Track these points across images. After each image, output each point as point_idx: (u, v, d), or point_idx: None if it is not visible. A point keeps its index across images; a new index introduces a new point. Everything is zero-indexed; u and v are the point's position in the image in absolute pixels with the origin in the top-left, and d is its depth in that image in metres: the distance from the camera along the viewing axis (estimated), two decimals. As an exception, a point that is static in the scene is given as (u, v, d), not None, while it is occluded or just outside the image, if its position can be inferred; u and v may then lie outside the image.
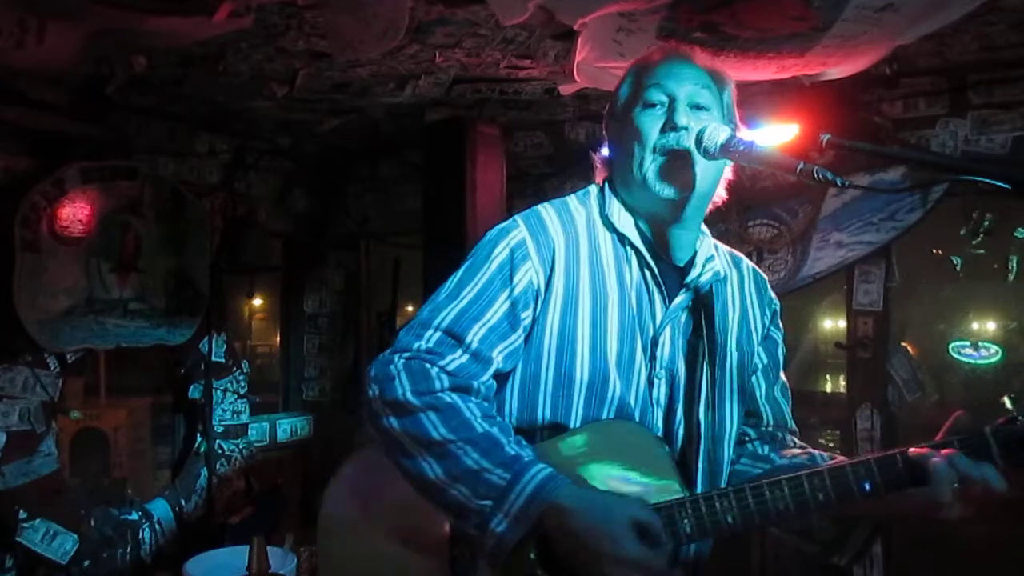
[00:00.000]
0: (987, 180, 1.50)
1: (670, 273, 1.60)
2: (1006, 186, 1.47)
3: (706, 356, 1.60)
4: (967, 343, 4.96)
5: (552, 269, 1.53)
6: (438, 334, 1.48)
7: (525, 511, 1.32)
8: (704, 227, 1.68)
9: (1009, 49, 2.94)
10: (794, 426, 1.80)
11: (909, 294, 3.84)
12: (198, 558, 3.08)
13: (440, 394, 1.42)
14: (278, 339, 5.41)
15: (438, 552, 1.50)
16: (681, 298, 1.58)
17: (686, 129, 1.52)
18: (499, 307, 1.50)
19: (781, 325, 1.81)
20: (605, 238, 1.59)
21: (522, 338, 1.53)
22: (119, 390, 4.57)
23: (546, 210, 1.60)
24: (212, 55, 3.03)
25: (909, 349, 3.75)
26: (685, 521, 1.39)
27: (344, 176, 4.85)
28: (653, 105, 1.56)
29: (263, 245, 4.90)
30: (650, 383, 1.55)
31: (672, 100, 1.55)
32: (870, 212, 3.41)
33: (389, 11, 2.47)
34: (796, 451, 1.71)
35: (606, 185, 1.66)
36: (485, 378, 1.49)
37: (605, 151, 1.71)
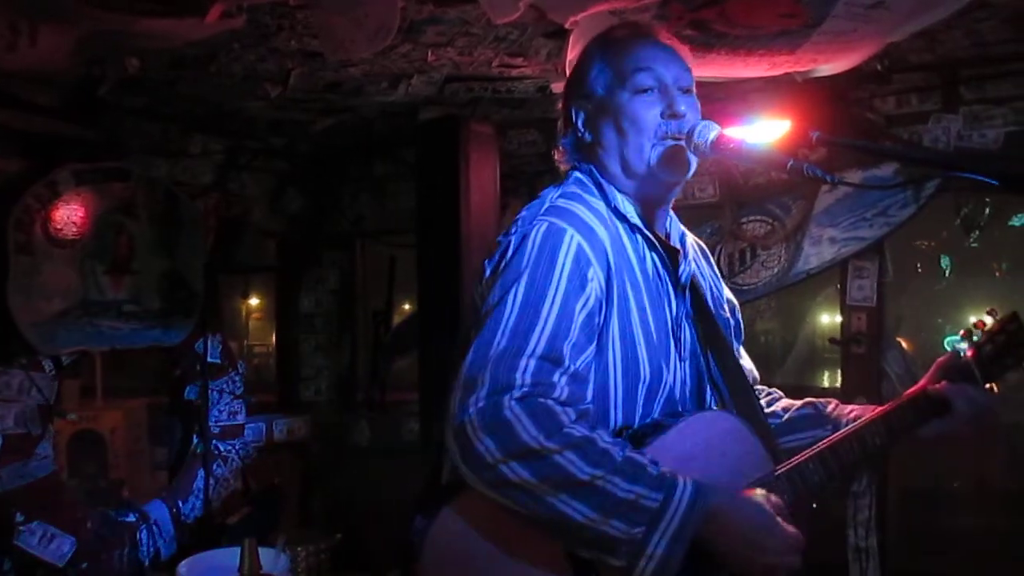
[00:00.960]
0: (977, 176, 1.51)
1: (669, 253, 1.63)
2: (995, 182, 1.48)
3: (712, 329, 1.65)
4: (960, 338, 4.97)
5: (609, 271, 1.48)
6: (535, 362, 1.33)
7: (684, 526, 1.29)
8: None
9: (1000, 45, 2.94)
10: (757, 375, 1.90)
11: (903, 289, 3.85)
12: (191, 559, 3.08)
13: (570, 430, 1.30)
14: (274, 339, 5.42)
15: None
16: (684, 277, 1.62)
17: (685, 116, 1.55)
18: (577, 320, 1.40)
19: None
20: (621, 229, 1.57)
21: (595, 346, 1.45)
22: (115, 392, 4.59)
23: (576, 207, 1.52)
24: (204, 56, 3.03)
25: (903, 344, 3.76)
26: (784, 493, 1.48)
27: (338, 175, 4.85)
28: (645, 90, 1.55)
29: (258, 245, 4.91)
30: (681, 365, 1.59)
31: (662, 84, 1.56)
32: (863, 208, 3.42)
33: (380, 11, 2.47)
34: (795, 402, 1.86)
35: (595, 173, 1.62)
36: (589, 398, 1.44)
37: (586, 138, 1.64)
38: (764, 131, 3.26)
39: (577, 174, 1.64)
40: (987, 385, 1.69)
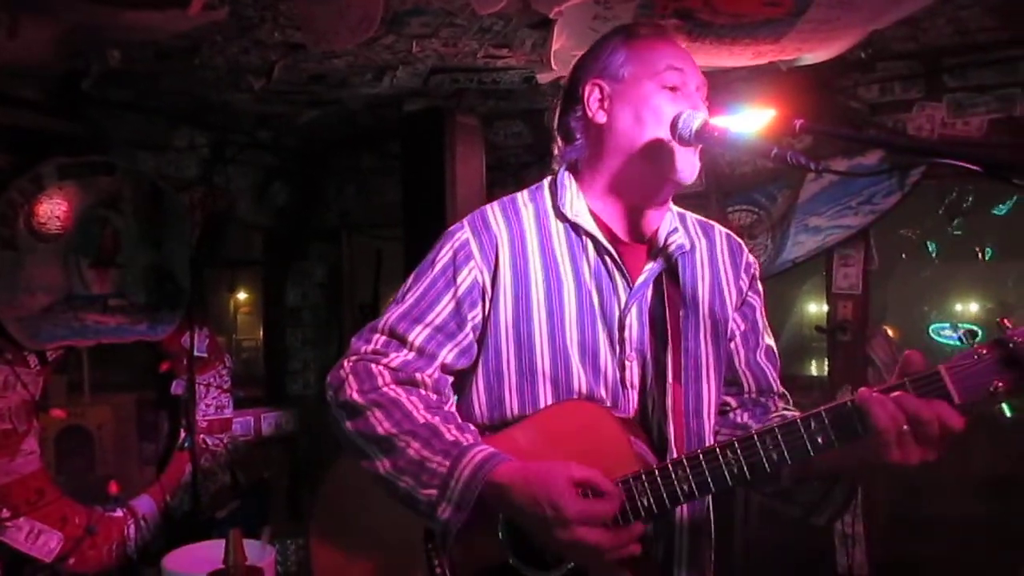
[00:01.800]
0: (959, 163, 1.51)
1: (631, 252, 1.60)
2: (978, 169, 1.48)
3: (672, 328, 1.59)
4: (946, 325, 5.00)
5: (496, 266, 1.56)
6: (383, 337, 1.55)
7: (464, 495, 1.36)
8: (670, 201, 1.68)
9: (983, 33, 2.96)
10: (782, 390, 1.72)
11: (888, 277, 3.88)
12: (176, 552, 3.08)
13: (383, 389, 1.48)
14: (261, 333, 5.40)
15: (415, 545, 1.55)
16: (644, 276, 1.58)
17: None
18: (444, 307, 1.55)
19: (760, 288, 1.76)
20: (558, 229, 1.60)
21: (472, 336, 1.57)
22: (103, 387, 4.55)
23: (491, 209, 1.64)
24: (187, 48, 3.01)
25: (889, 332, 3.78)
26: (642, 495, 1.37)
27: (324, 168, 4.84)
28: (674, 88, 1.55)
29: (244, 239, 4.90)
30: (621, 367, 1.55)
31: (687, 89, 1.56)
32: (848, 196, 3.43)
33: (363, 1, 2.46)
34: (775, 417, 1.63)
35: (562, 174, 1.66)
36: (431, 371, 1.55)
37: (598, 118, 1.60)
38: (749, 120, 3.27)
39: (544, 181, 1.71)
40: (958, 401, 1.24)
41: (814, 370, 5.50)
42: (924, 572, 3.87)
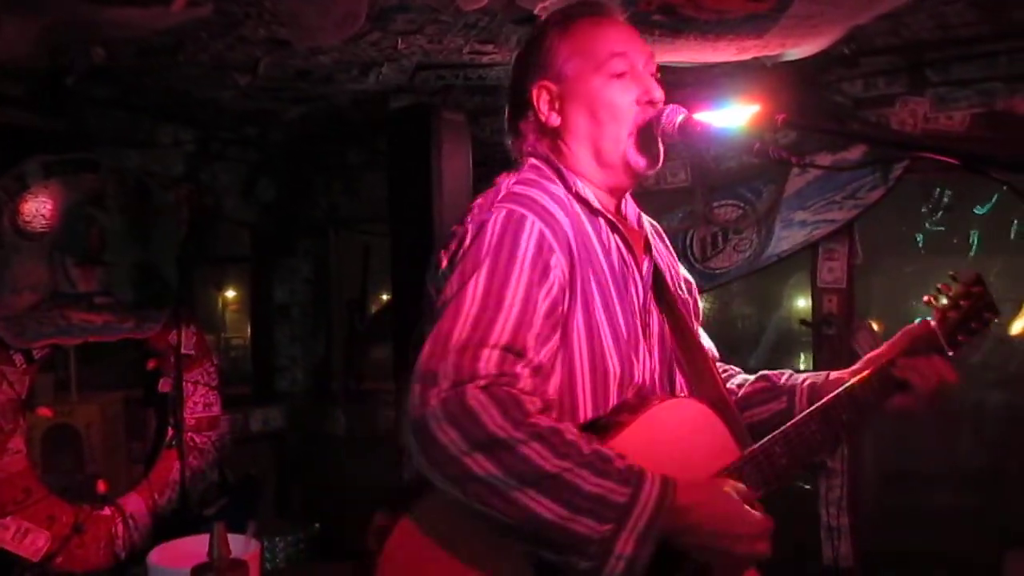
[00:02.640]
0: (939, 156, 1.53)
1: (633, 237, 1.61)
2: (957, 163, 1.50)
3: (675, 312, 1.63)
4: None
5: (572, 259, 1.42)
6: (498, 352, 1.27)
7: (652, 524, 1.22)
8: None
9: (965, 27, 2.97)
10: (716, 353, 1.87)
11: (873, 271, 3.90)
12: (161, 547, 3.08)
13: (536, 419, 1.24)
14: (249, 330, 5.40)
15: None
16: (646, 263, 1.60)
17: (660, 102, 1.55)
18: (540, 309, 1.35)
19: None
20: (583, 215, 1.52)
21: (558, 337, 1.40)
22: (90, 385, 4.54)
23: (534, 193, 1.46)
24: (171, 45, 3.00)
25: (874, 325, 3.80)
26: (757, 480, 1.47)
27: (311, 165, 4.83)
28: (621, 75, 1.54)
29: (231, 235, 4.89)
30: (651, 354, 1.55)
31: (635, 70, 1.55)
32: (833, 191, 3.44)
33: (348, -1, 2.46)
34: (748, 377, 1.84)
35: (552, 160, 1.58)
36: (552, 392, 1.40)
37: (552, 121, 1.57)
38: (734, 116, 3.28)
39: (533, 160, 1.59)
40: (950, 352, 1.69)
41: (800, 363, 5.54)
42: (909, 563, 3.91)
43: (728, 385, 1.79)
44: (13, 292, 3.44)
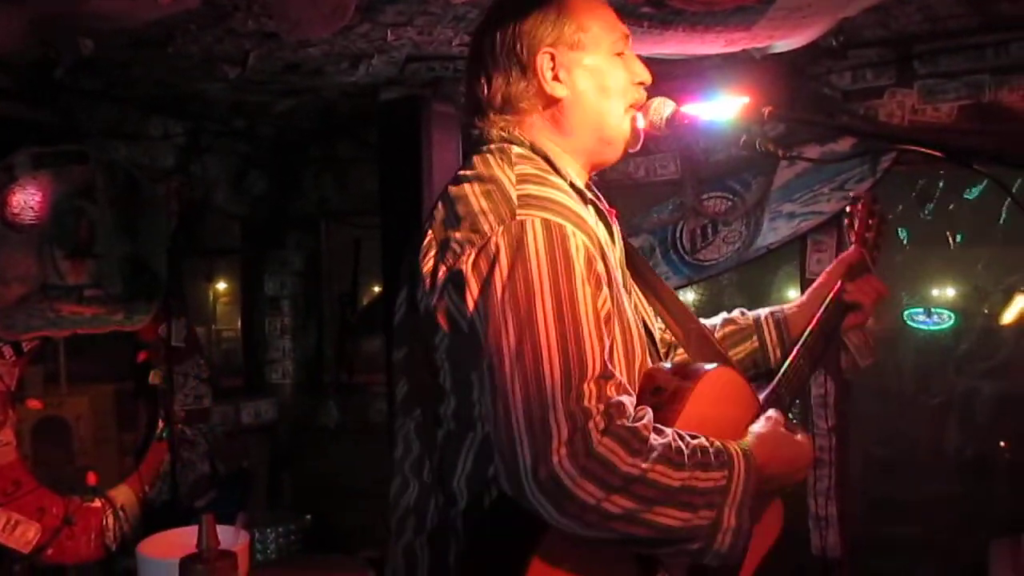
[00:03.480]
0: (922, 149, 1.55)
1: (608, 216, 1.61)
2: (940, 155, 1.52)
3: (646, 276, 1.70)
4: (920, 310, 5.05)
5: (604, 257, 1.40)
6: (595, 385, 1.23)
7: (746, 493, 1.32)
8: None
9: (952, 19, 2.98)
10: None
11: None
12: (150, 539, 3.08)
13: (652, 441, 1.25)
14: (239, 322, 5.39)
15: None
16: (618, 237, 1.61)
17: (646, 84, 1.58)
18: (602, 324, 1.31)
19: None
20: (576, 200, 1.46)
21: None
22: (80, 377, 4.54)
23: (552, 193, 1.40)
24: (160, 37, 2.99)
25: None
26: (785, 394, 1.69)
27: (301, 157, 4.83)
28: (620, 55, 1.55)
29: (221, 228, 4.88)
30: (641, 329, 1.56)
31: (628, 48, 1.57)
32: (821, 183, 3.46)
33: (337, -10, 2.46)
34: (715, 322, 1.95)
35: (538, 144, 1.50)
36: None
37: (558, 92, 1.50)
38: (722, 108, 3.29)
39: (515, 148, 1.48)
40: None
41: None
42: (897, 551, 3.94)
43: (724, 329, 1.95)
44: (2, 284, 3.43)
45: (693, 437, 1.32)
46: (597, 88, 1.52)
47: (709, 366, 1.53)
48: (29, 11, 2.65)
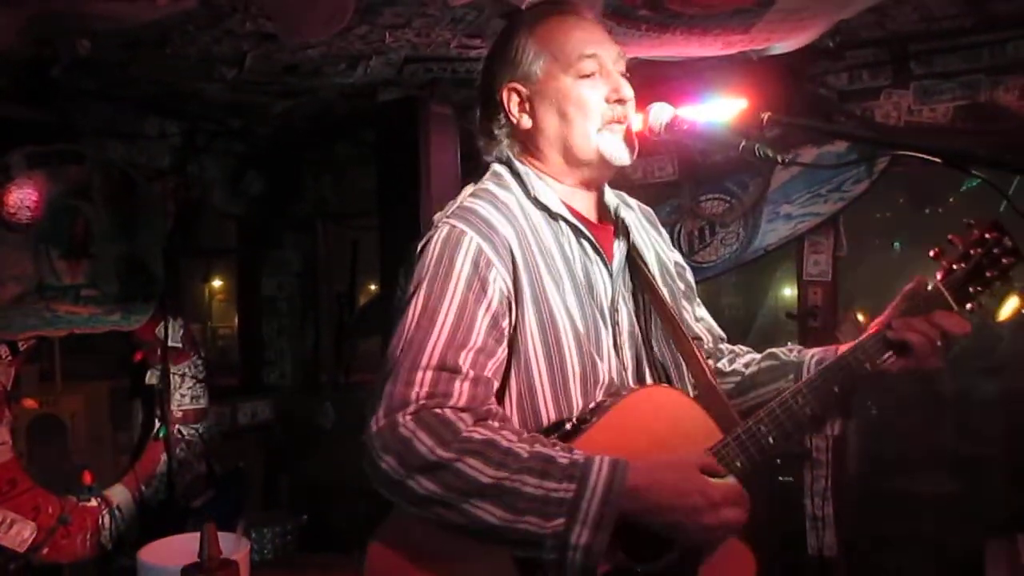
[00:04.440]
0: (920, 154, 1.55)
1: (602, 234, 1.61)
2: (938, 160, 1.52)
3: (654, 304, 1.64)
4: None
5: (514, 268, 1.46)
6: (430, 373, 1.35)
7: (603, 510, 1.28)
8: None
9: (948, 20, 3.00)
10: (722, 332, 1.88)
11: (858, 263, 3.93)
12: (151, 546, 3.07)
13: (467, 434, 1.31)
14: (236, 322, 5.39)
15: None
16: (618, 258, 1.60)
17: (631, 99, 1.56)
18: (481, 325, 1.41)
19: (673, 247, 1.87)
20: (537, 219, 1.54)
21: (505, 350, 1.45)
22: (76, 376, 4.54)
23: (480, 206, 1.50)
24: (157, 38, 2.98)
25: (859, 316, 3.84)
26: (736, 459, 1.44)
27: (299, 158, 4.82)
28: (590, 75, 1.54)
29: (218, 228, 4.87)
30: (618, 351, 1.56)
31: (604, 69, 1.56)
32: (818, 184, 3.48)
33: (336, -8, 2.46)
34: (755, 356, 1.80)
35: (515, 162, 1.60)
36: (492, 399, 1.42)
37: (524, 123, 1.59)
38: (720, 110, 3.30)
39: (495, 167, 1.62)
40: (965, 307, 1.52)
41: (786, 354, 5.56)
42: (893, 549, 3.95)
43: (733, 366, 1.80)
44: (-2, 284, 3.43)
45: (544, 445, 1.34)
46: (558, 114, 1.56)
47: (640, 387, 1.53)
48: (26, 10, 2.65)
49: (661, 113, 1.56)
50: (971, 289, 1.53)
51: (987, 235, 1.55)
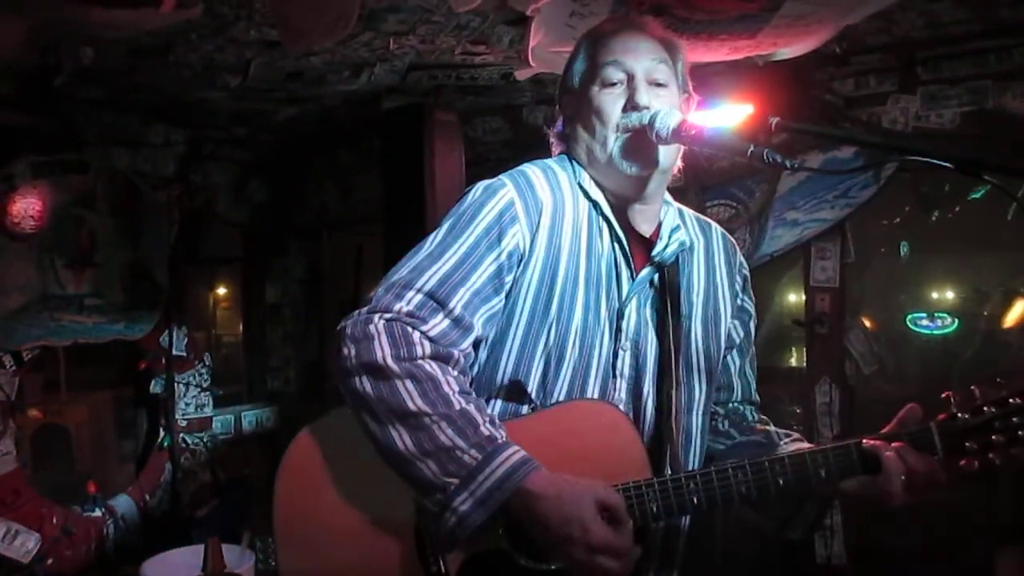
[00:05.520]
0: (932, 160, 1.52)
1: (638, 245, 1.60)
2: (950, 166, 1.50)
3: (672, 330, 1.60)
4: (923, 314, 5.03)
5: (537, 231, 1.51)
6: (420, 296, 1.42)
7: (491, 494, 1.30)
8: (668, 196, 1.69)
9: (955, 25, 2.98)
10: (757, 398, 1.82)
11: (865, 269, 3.90)
12: (154, 559, 3.05)
13: (420, 362, 1.37)
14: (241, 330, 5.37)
15: (402, 523, 1.46)
16: (646, 271, 1.58)
17: (647, 108, 1.54)
18: (485, 270, 1.47)
19: (752, 294, 1.80)
20: (583, 205, 1.58)
21: (503, 303, 1.50)
22: (80, 385, 4.52)
23: (533, 171, 1.58)
24: (161, 46, 2.98)
25: (866, 323, 3.81)
26: (652, 502, 1.40)
27: (303, 165, 4.81)
28: (613, 84, 1.56)
29: (223, 236, 4.86)
30: (614, 354, 1.55)
31: (631, 77, 1.56)
32: (824, 190, 3.45)
33: (340, 1, 2.45)
34: (757, 427, 1.74)
35: (568, 157, 1.66)
36: (465, 346, 1.46)
37: (567, 131, 1.67)
38: (727, 115, 3.28)
39: (564, 155, 1.68)
40: (942, 456, 1.39)
41: (792, 362, 5.54)
42: (901, 560, 3.92)
43: (730, 429, 1.76)
44: (2, 293, 3.42)
45: (478, 410, 1.38)
46: (583, 123, 1.61)
47: (589, 400, 1.52)
48: (29, 18, 2.64)
49: (669, 118, 1.54)
50: (967, 444, 1.39)
51: (1014, 399, 1.38)
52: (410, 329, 1.39)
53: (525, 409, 1.51)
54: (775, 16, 2.64)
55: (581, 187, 1.59)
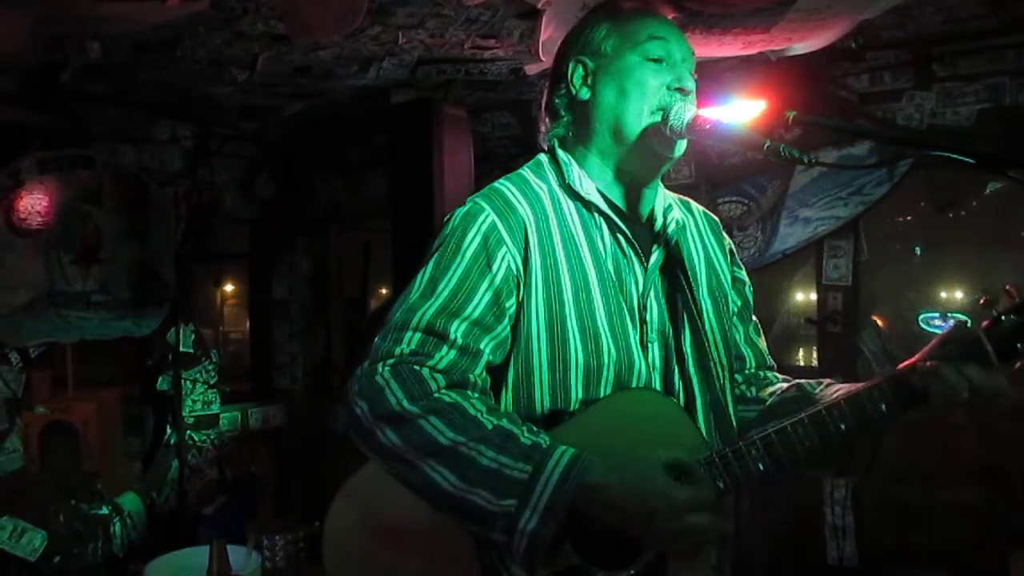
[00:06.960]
0: (953, 155, 1.49)
1: (640, 231, 1.58)
2: (971, 161, 1.46)
3: (686, 309, 1.58)
4: (936, 314, 4.99)
5: (527, 249, 1.47)
6: (418, 334, 1.39)
7: (555, 500, 1.23)
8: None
9: (972, 21, 2.94)
10: (773, 363, 1.80)
11: (878, 267, 3.87)
12: (158, 561, 3.03)
13: (438, 395, 1.33)
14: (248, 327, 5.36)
15: (465, 565, 1.39)
16: (655, 256, 1.56)
17: (690, 94, 1.54)
18: (482, 298, 1.43)
19: (741, 264, 1.81)
20: (570, 208, 1.55)
21: (508, 328, 1.46)
22: (87, 382, 4.51)
23: (507, 188, 1.54)
24: (168, 40, 2.96)
25: (878, 322, 3.77)
26: (719, 478, 1.35)
27: (311, 161, 4.79)
28: (658, 60, 1.53)
29: (230, 232, 4.85)
30: (644, 348, 1.52)
31: (672, 59, 1.54)
32: (838, 187, 3.41)
33: (348, -7, 2.42)
34: (783, 386, 1.70)
35: (558, 150, 1.61)
36: (479, 371, 1.42)
37: (582, 95, 1.59)
38: (740, 111, 3.24)
39: (539, 156, 1.64)
40: (1002, 363, 1.36)
41: (803, 360, 5.51)
42: (913, 560, 3.88)
43: (760, 394, 1.72)
44: (8, 290, 3.41)
45: (512, 422, 1.32)
46: (617, 89, 1.55)
47: (630, 389, 1.47)
48: (35, 14, 2.62)
49: (683, 112, 1.52)
50: (1019, 345, 1.36)
51: None
52: (417, 368, 1.35)
53: None
54: (790, 10, 2.60)
55: (571, 187, 1.55)
